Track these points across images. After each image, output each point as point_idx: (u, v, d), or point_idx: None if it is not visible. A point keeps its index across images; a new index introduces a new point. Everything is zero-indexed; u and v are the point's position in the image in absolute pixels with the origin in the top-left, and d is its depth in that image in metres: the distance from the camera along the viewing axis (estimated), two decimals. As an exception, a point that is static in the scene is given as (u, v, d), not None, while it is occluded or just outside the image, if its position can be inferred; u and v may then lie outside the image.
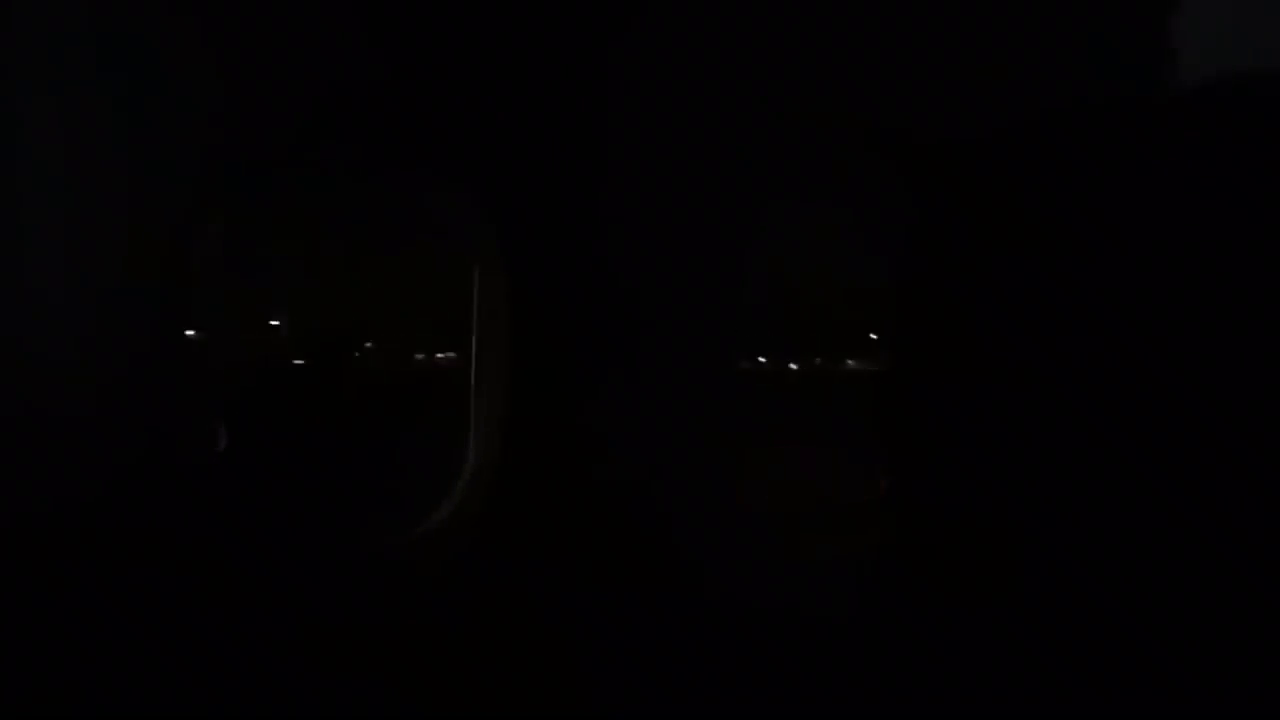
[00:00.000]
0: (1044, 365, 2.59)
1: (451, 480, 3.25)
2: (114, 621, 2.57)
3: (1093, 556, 2.57)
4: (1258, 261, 2.41)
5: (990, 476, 2.75)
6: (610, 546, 3.07)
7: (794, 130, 3.07)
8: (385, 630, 2.85)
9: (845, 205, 3.21)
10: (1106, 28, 2.97)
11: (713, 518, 3.21)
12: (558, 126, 3.12)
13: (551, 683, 2.86)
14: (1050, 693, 2.54)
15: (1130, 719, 2.48)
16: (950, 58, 2.97)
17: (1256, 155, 2.41)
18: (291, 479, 3.18)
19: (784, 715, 2.84)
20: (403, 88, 2.99)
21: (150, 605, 2.62)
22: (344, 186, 3.22)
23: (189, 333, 3.03)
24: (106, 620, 2.56)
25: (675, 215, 3.19)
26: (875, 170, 3.04)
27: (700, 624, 3.00)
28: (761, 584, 3.14)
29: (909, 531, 3.01)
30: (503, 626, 2.93)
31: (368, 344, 6.10)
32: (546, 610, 2.97)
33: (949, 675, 2.69)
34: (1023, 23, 3.00)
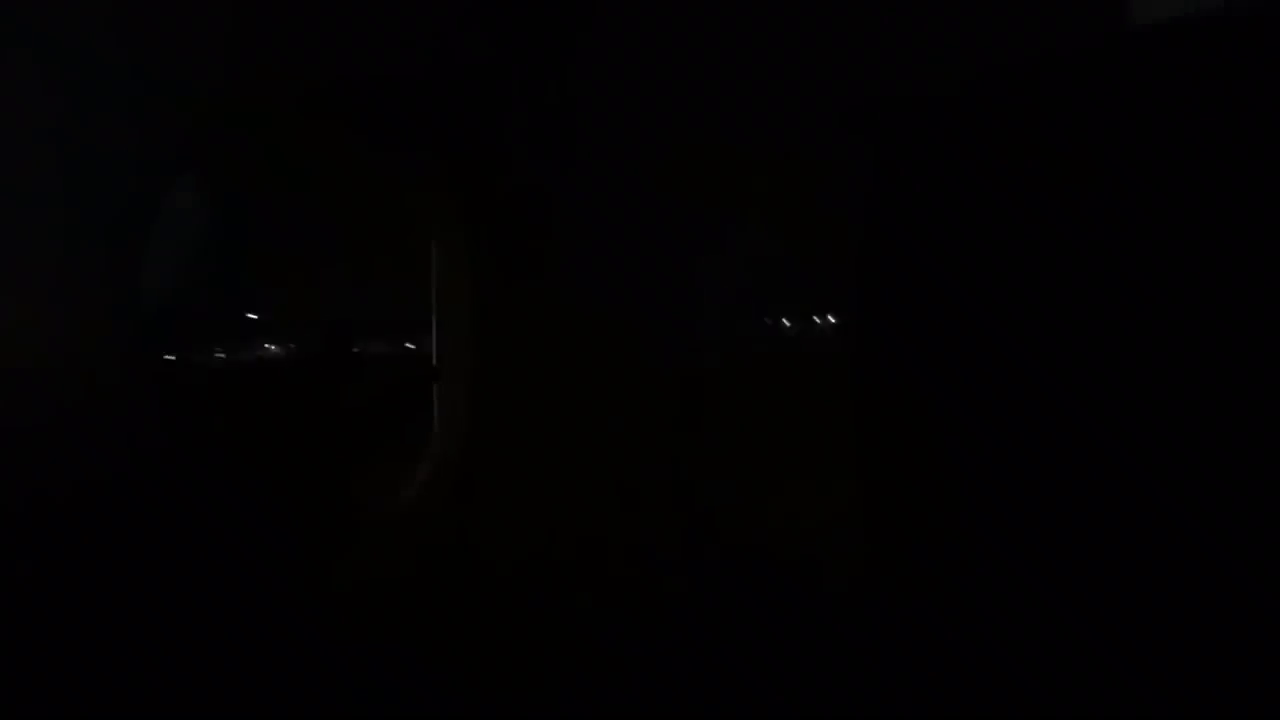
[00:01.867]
0: (1025, 340, 2.47)
1: (413, 466, 3.22)
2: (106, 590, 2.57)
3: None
4: (1245, 214, 2.27)
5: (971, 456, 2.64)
6: (580, 530, 3.02)
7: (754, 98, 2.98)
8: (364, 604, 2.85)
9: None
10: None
11: (681, 506, 3.16)
12: (527, 99, 3.06)
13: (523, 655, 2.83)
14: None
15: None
16: (903, 11, 2.84)
17: (1239, 97, 2.25)
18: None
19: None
20: (371, 64, 2.95)
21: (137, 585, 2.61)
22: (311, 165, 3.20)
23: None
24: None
25: (645, 195, 3.12)
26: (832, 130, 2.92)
27: (673, 608, 2.94)
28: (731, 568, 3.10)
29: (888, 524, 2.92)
30: (475, 606, 2.91)
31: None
32: (516, 594, 2.94)
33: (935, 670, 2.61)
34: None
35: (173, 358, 3.13)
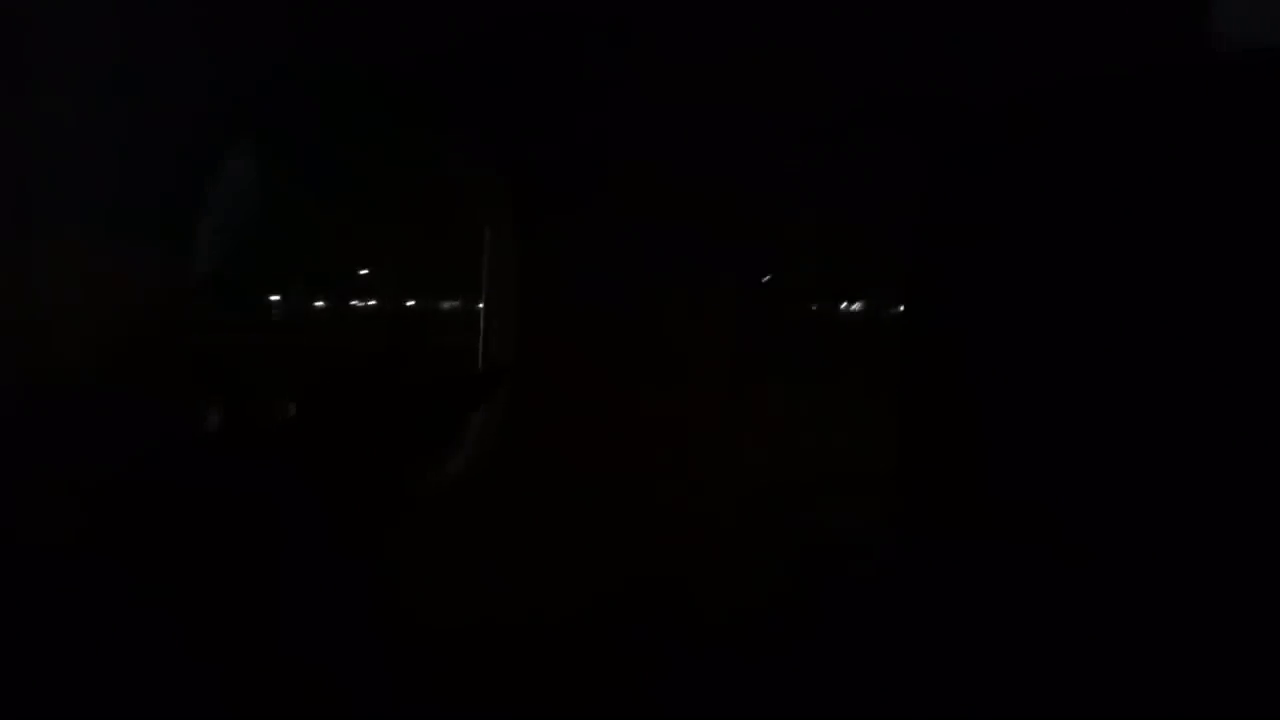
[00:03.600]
0: (1066, 350, 2.49)
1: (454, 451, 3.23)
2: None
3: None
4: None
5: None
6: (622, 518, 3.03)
7: (804, 95, 2.94)
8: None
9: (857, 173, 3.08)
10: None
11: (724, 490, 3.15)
12: (579, 81, 3.02)
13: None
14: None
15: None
16: (968, 14, 2.78)
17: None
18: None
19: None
20: (421, 43, 2.91)
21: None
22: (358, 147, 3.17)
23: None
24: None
25: (694, 183, 3.10)
26: (889, 137, 2.89)
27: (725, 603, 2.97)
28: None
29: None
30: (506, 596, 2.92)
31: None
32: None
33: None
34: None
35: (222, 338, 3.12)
